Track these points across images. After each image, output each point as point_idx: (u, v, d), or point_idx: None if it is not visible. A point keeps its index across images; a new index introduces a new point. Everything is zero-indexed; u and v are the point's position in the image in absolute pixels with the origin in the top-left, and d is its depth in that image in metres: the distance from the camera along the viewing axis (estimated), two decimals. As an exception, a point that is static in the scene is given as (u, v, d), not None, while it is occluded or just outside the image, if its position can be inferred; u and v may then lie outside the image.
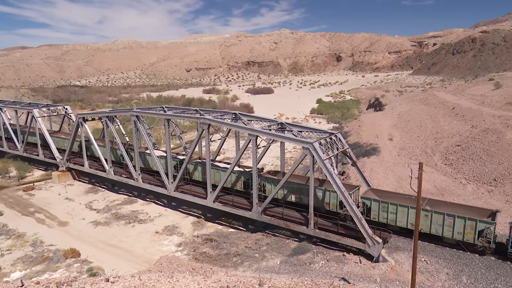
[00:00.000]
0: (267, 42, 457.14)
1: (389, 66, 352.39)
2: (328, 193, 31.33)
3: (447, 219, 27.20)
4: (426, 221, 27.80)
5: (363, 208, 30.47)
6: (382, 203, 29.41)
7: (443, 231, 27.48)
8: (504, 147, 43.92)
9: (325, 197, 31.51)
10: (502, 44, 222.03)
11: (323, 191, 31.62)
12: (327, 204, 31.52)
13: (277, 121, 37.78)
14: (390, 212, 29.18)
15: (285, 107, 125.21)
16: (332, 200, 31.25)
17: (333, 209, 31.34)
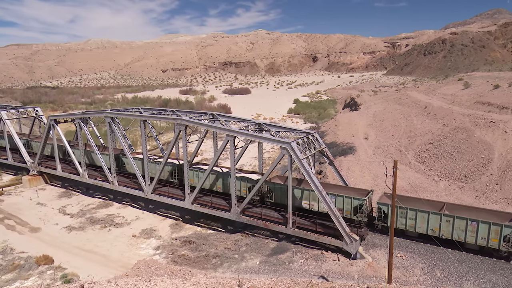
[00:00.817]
0: (244, 42, 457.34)
1: (364, 67, 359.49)
2: (341, 199, 30.20)
3: (470, 224, 26.22)
4: (448, 227, 26.95)
5: (379, 214, 29.67)
6: (400, 209, 28.31)
7: (465, 237, 26.56)
8: (473, 145, 45.59)
9: (336, 203, 30.21)
10: (470, 45, 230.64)
11: (335, 196, 30.38)
12: (341, 210, 29.96)
13: (254, 122, 37.82)
14: (409, 218, 28.22)
15: (262, 107, 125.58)
16: (346, 206, 30.18)
17: (347, 215, 29.98)
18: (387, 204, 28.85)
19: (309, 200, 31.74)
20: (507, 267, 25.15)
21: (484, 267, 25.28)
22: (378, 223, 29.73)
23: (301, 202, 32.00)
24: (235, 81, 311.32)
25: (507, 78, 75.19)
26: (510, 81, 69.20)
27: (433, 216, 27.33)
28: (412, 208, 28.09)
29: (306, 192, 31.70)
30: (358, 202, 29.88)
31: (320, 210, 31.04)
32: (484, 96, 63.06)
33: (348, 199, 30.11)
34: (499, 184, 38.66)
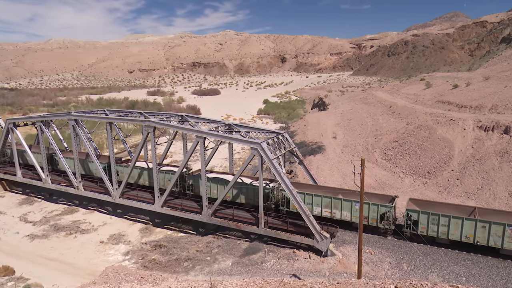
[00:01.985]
0: (212, 43, 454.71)
1: (331, 67, 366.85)
2: (366, 206, 29.10)
3: (508, 229, 25.11)
4: (484, 233, 25.80)
5: (407, 221, 28.40)
6: (432, 215, 27.23)
7: (502, 243, 25.48)
8: (435, 142, 47.58)
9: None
10: (431, 47, 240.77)
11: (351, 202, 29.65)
12: (365, 218, 29.07)
13: (224, 122, 37.67)
14: (441, 224, 27.01)
15: (232, 108, 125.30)
16: (372, 213, 29.25)
17: (373, 223, 29.41)
18: (417, 211, 27.74)
19: (331, 208, 30.65)
20: (468, 258, 26.41)
21: (448, 259, 26.41)
22: (407, 230, 28.41)
23: (321, 209, 30.81)
24: (204, 82, 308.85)
25: (465, 78, 79.09)
26: (467, 81, 72.80)
27: (467, 222, 26.17)
28: (444, 214, 26.92)
29: (326, 199, 30.72)
30: (385, 209, 28.89)
31: (343, 218, 30.24)
32: (445, 95, 65.98)
33: (374, 207, 29.05)
34: (459, 179, 40.55)
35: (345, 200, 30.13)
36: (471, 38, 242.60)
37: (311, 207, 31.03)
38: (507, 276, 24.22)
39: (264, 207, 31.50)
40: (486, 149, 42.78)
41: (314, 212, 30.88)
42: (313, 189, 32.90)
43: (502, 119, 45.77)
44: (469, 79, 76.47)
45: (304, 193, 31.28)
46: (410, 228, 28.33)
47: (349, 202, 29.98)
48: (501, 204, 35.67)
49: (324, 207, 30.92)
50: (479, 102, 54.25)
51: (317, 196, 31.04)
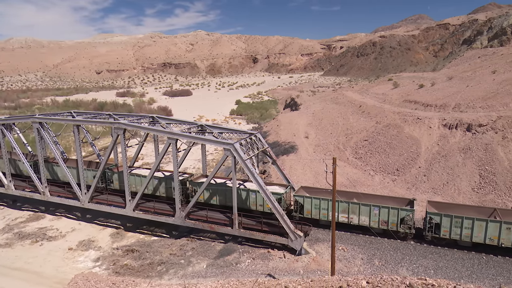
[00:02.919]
0: (183, 43, 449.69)
1: (302, 68, 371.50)
2: (386, 210, 28.57)
3: None
4: (509, 235, 25.58)
5: (429, 225, 27.85)
6: (455, 218, 26.80)
7: None
8: (403, 140, 49.10)
9: (380, 215, 28.74)
10: (398, 48, 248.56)
11: (379, 208, 28.81)
12: (385, 222, 28.73)
13: (197, 124, 37.31)
14: (465, 227, 26.59)
15: (204, 109, 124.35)
16: (392, 218, 28.49)
17: (393, 228, 28.71)
18: (440, 214, 27.38)
19: (348, 213, 29.97)
20: (436, 252, 27.43)
21: (417, 253, 27.34)
22: (428, 234, 28.03)
23: (338, 214, 30.10)
24: (176, 82, 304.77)
25: (430, 78, 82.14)
26: (432, 81, 75.63)
27: (492, 224, 25.87)
28: (468, 217, 26.64)
29: (343, 204, 29.97)
30: (405, 213, 28.41)
31: (361, 223, 29.70)
32: (411, 95, 68.24)
33: (394, 211, 28.45)
34: (426, 175, 42.05)
35: (363, 204, 29.40)
36: (435, 40, 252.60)
37: (326, 213, 30.52)
38: (472, 267, 25.35)
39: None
40: (451, 146, 44.58)
41: (330, 218, 29.73)
42: (326, 193, 31.78)
43: (464, 117, 47.84)
44: (433, 79, 79.48)
45: (319, 198, 30.69)
46: (432, 232, 27.85)
47: (367, 206, 29.23)
48: (465, 198, 37.28)
49: (341, 212, 30.07)
50: (444, 101, 56.47)
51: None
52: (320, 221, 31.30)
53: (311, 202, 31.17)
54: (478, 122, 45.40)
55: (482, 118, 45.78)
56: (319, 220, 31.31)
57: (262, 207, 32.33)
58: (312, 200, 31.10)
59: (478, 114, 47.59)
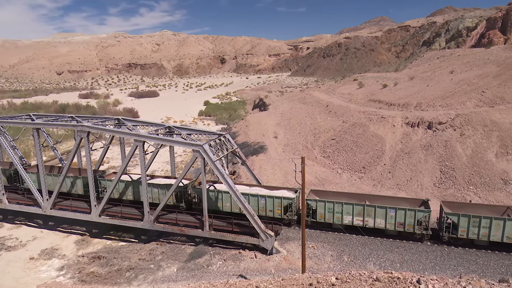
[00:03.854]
0: (149, 43, 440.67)
1: (270, 68, 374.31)
2: (403, 212, 28.10)
3: None
4: None
5: (446, 225, 27.69)
6: (473, 218, 26.70)
7: None
8: (369, 139, 50.55)
9: (397, 217, 28.23)
10: (362, 49, 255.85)
11: (396, 210, 28.36)
12: (401, 224, 28.22)
13: (164, 125, 36.65)
14: (482, 226, 26.54)
15: (172, 110, 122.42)
16: (409, 219, 28.02)
17: (409, 229, 28.28)
18: (458, 214, 27.18)
19: (363, 216, 29.32)
20: (401, 246, 28.41)
21: (383, 247, 28.19)
22: (445, 234, 27.83)
23: (352, 218, 29.54)
24: (142, 83, 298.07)
25: (393, 78, 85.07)
26: (395, 81, 78.37)
27: (509, 223, 26.14)
28: (486, 216, 26.69)
29: (358, 207, 29.38)
30: (422, 214, 28.13)
31: (377, 226, 29.14)
32: (375, 94, 70.40)
33: (411, 212, 28.03)
34: (391, 172, 43.51)
35: (379, 207, 28.84)
36: (396, 41, 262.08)
37: (341, 216, 29.82)
38: (435, 259, 26.47)
39: (288, 219, 31.13)
40: (413, 144, 46.38)
41: (345, 222, 29.72)
42: (334, 196, 31.79)
43: (425, 115, 49.91)
44: (396, 79, 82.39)
45: (333, 201, 29.96)
46: (450, 232, 27.72)
47: (383, 209, 28.68)
48: (427, 193, 38.89)
49: (356, 215, 29.45)
50: (406, 100, 58.66)
51: (348, 204, 29.51)
52: (333, 225, 30.42)
53: (324, 206, 30.16)
54: (438, 120, 47.51)
55: (442, 116, 47.95)
56: (333, 224, 30.37)
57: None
58: (326, 204, 30.09)
59: (438, 113, 49.80)
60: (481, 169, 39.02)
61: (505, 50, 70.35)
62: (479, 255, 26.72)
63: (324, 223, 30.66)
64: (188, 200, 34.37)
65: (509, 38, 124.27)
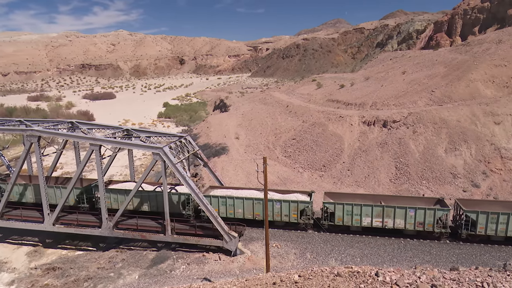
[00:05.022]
0: (104, 43, 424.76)
1: (230, 69, 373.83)
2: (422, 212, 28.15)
3: None
4: None
5: (465, 223, 28.04)
6: (491, 214, 27.29)
7: None
8: (328, 138, 51.84)
9: (417, 216, 28.28)
10: (320, 50, 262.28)
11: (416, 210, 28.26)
12: (421, 224, 28.34)
13: (122, 128, 35.46)
14: (500, 222, 27.21)
15: (130, 112, 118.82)
16: (428, 218, 28.13)
17: (429, 228, 28.40)
18: (476, 211, 27.58)
19: (382, 217, 29.04)
20: (361, 240, 29.39)
21: (344, 243, 29.02)
22: (464, 232, 28.20)
23: (371, 219, 29.26)
24: (97, 85, 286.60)
25: (349, 79, 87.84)
26: (352, 81, 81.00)
27: None
28: (504, 212, 27.35)
29: (377, 208, 29.13)
30: (442, 213, 28.39)
31: (396, 227, 28.96)
32: (333, 94, 72.36)
33: (431, 211, 28.18)
34: (350, 170, 44.90)
35: (399, 207, 28.72)
36: (352, 43, 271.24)
37: (359, 218, 29.44)
38: (392, 252, 27.63)
39: (304, 223, 30.56)
40: (370, 142, 48.16)
41: (364, 223, 29.39)
42: (349, 198, 31.69)
43: (381, 114, 52.01)
44: (352, 79, 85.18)
45: (352, 203, 29.58)
46: (468, 230, 28.08)
47: (403, 209, 28.56)
48: (384, 189, 40.56)
49: (375, 216, 29.14)
50: (362, 100, 60.81)
51: (367, 205, 29.32)
52: (351, 227, 30.24)
53: (342, 209, 29.68)
54: (392, 118, 49.66)
55: (396, 115, 50.18)
56: (351, 226, 30.18)
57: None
58: (344, 206, 29.61)
59: (392, 111, 52.06)
60: (432, 164, 41.28)
61: (451, 52, 74.93)
62: (432, 246, 28.24)
63: (342, 226, 30.20)
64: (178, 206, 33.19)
65: (455, 40, 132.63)
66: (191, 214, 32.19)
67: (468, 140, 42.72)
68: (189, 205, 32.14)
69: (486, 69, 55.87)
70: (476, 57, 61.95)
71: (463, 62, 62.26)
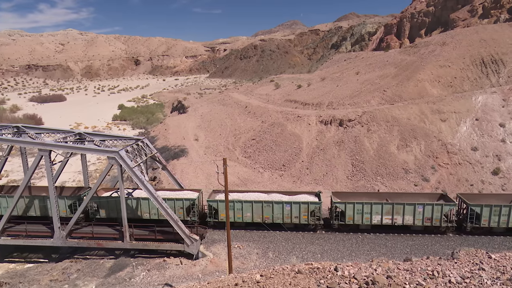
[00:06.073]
0: (52, 43, 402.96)
1: (188, 70, 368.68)
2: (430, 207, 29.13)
3: None
4: None
5: (471, 216, 29.16)
6: (494, 207, 28.70)
7: None
8: (287, 137, 52.60)
9: (425, 212, 29.08)
10: (277, 51, 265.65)
11: (424, 206, 29.20)
12: (429, 219, 29.23)
13: (74, 132, 33.79)
14: (502, 214, 28.68)
15: (82, 115, 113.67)
16: (436, 214, 29.09)
17: (436, 223, 29.35)
18: (480, 205, 28.88)
19: (392, 215, 29.55)
20: (321, 237, 30.10)
21: (305, 241, 29.58)
22: (469, 225, 29.40)
23: (381, 217, 29.70)
24: (45, 87, 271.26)
25: (306, 79, 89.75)
26: (308, 82, 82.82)
27: None
28: (506, 205, 28.86)
29: (387, 206, 29.48)
30: (448, 208, 29.33)
31: (405, 223, 29.59)
32: (291, 94, 73.58)
33: (438, 207, 29.07)
34: (309, 168, 45.84)
35: (408, 204, 29.41)
36: (308, 44, 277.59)
37: (369, 217, 29.79)
38: (351, 246, 28.56)
39: (313, 224, 30.16)
40: (327, 140, 49.47)
41: (374, 221, 29.84)
42: (356, 197, 32.07)
43: (337, 113, 53.58)
44: (309, 80, 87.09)
45: (362, 202, 29.84)
46: (473, 223, 29.30)
47: (411, 206, 29.31)
48: (342, 186, 41.82)
49: (385, 214, 29.67)
50: (319, 100, 62.34)
51: (377, 204, 29.70)
52: (361, 226, 30.56)
53: (353, 208, 29.93)
54: (348, 117, 51.33)
55: (351, 114, 51.92)
56: (360, 225, 30.50)
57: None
58: (355, 206, 29.87)
59: (347, 111, 53.81)
60: (386, 161, 43.17)
61: (401, 53, 78.78)
62: (388, 239, 29.52)
63: (352, 225, 30.54)
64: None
65: (403, 42, 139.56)
66: (196, 220, 31.42)
67: (417, 137, 45.12)
68: (193, 210, 31.37)
69: (432, 69, 59.37)
70: (423, 58, 65.62)
71: (412, 63, 65.72)
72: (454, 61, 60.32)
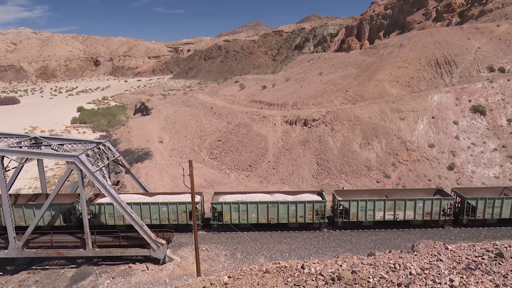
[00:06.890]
0: (2, 42, 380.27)
1: (151, 71, 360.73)
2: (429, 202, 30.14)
3: None
4: None
5: (467, 210, 30.53)
6: (488, 200, 30.22)
7: None
8: (253, 138, 52.78)
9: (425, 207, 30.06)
10: (241, 52, 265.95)
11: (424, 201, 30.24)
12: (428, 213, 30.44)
13: (29, 136, 32.06)
14: (495, 206, 30.33)
15: (38, 118, 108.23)
16: (435, 208, 30.17)
17: (435, 217, 30.54)
18: (476, 198, 30.43)
19: (394, 210, 30.42)
20: (289, 236, 30.45)
21: (273, 240, 29.81)
22: (466, 217, 30.84)
23: (384, 213, 30.59)
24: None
25: (271, 80, 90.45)
26: (273, 82, 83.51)
27: None
28: (499, 197, 30.53)
29: (389, 202, 30.39)
30: (447, 202, 30.63)
31: (406, 218, 30.55)
32: (256, 95, 73.90)
33: (437, 201, 30.23)
34: (275, 168, 46.24)
35: (409, 199, 30.44)
36: (272, 45, 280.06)
37: (372, 213, 30.50)
38: (317, 244, 29.10)
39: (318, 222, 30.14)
40: (292, 140, 50.13)
41: (377, 218, 30.63)
42: (357, 194, 32.59)
43: (301, 113, 54.43)
44: (274, 80, 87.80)
45: (365, 199, 30.46)
46: (469, 215, 30.82)
47: (412, 201, 30.34)
48: (307, 185, 42.52)
49: (387, 210, 30.46)
50: (284, 100, 63.04)
51: (380, 200, 30.45)
52: (363, 222, 31.26)
53: (357, 205, 30.48)
54: (312, 117, 52.28)
55: (315, 113, 52.93)
56: (364, 221, 31.17)
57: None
58: (359, 203, 30.46)
59: (311, 111, 54.81)
60: (349, 159, 44.39)
61: (361, 54, 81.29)
62: (353, 235, 30.37)
63: (355, 222, 31.25)
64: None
65: (364, 43, 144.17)
66: (200, 224, 31.15)
67: (378, 135, 46.75)
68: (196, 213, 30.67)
69: (391, 70, 61.75)
70: (382, 59, 68.10)
71: (372, 63, 68.01)
72: (411, 62, 63.05)
